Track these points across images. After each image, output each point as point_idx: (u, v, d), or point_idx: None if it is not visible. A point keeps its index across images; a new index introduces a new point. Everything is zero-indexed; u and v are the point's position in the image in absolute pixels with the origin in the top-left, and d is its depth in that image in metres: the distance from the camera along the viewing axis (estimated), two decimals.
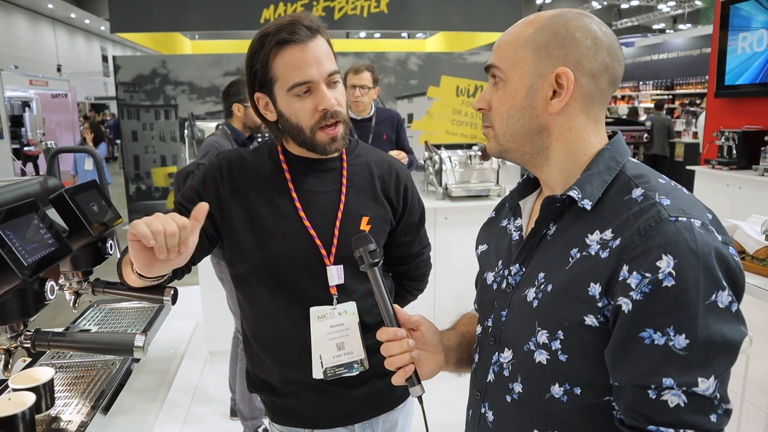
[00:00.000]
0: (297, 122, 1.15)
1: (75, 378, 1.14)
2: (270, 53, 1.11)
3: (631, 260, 0.71)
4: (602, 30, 0.82)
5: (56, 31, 20.24)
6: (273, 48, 1.10)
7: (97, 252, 1.15)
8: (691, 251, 0.68)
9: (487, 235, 1.04)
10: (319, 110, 1.13)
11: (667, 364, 0.69)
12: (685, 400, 0.68)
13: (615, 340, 0.73)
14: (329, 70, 1.13)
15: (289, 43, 1.10)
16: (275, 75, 1.13)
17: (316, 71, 1.11)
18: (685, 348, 0.68)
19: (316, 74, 1.11)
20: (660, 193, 0.75)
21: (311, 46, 1.11)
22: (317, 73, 1.11)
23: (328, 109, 1.12)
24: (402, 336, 0.92)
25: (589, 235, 0.78)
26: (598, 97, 0.83)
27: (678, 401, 0.68)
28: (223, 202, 1.20)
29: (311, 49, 1.11)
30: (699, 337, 0.67)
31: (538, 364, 0.81)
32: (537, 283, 0.83)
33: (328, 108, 1.12)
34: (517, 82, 0.83)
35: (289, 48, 1.10)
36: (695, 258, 0.68)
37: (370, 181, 1.25)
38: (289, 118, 1.15)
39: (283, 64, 1.11)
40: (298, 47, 1.10)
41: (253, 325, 1.28)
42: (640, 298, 0.69)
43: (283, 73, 1.12)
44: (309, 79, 1.11)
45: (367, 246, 0.96)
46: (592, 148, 0.84)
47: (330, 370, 1.16)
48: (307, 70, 1.10)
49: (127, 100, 6.81)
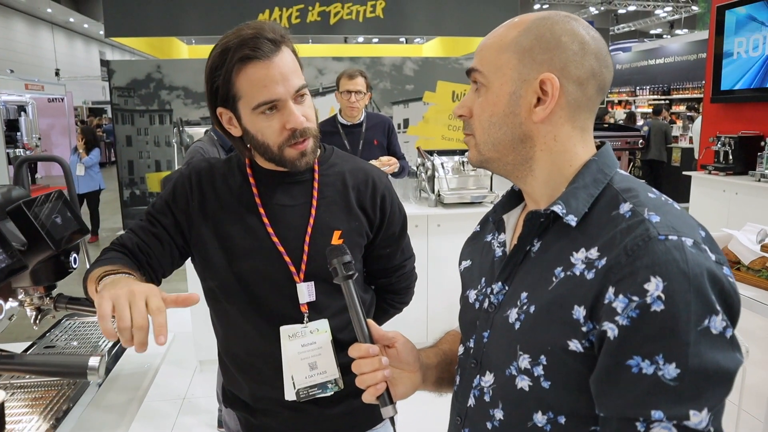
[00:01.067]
0: (263, 140, 1.10)
1: (34, 399, 1.09)
2: (232, 70, 1.05)
3: (618, 282, 0.66)
4: (590, 34, 0.77)
5: (55, 36, 20.23)
6: (235, 65, 1.04)
7: (59, 266, 1.10)
8: (682, 272, 0.63)
9: (471, 250, 0.99)
10: (287, 128, 1.08)
11: (656, 395, 0.63)
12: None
13: (600, 368, 0.68)
14: (296, 85, 1.07)
15: (252, 59, 1.03)
16: (239, 92, 1.07)
17: (283, 89, 1.05)
18: (676, 378, 0.62)
19: (283, 92, 1.05)
20: (649, 208, 0.70)
21: (276, 61, 1.05)
22: (284, 90, 1.05)
23: (297, 127, 1.08)
24: (374, 353, 0.88)
25: (574, 254, 0.73)
26: (585, 105, 0.78)
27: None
28: (191, 215, 1.16)
29: (276, 65, 1.05)
30: (690, 366, 0.62)
31: (520, 390, 0.76)
32: (519, 303, 0.78)
33: (297, 126, 1.07)
34: (499, 87, 0.78)
35: (253, 65, 1.04)
36: (686, 280, 0.63)
37: (343, 193, 1.20)
38: (255, 135, 1.10)
39: (247, 81, 1.05)
40: (262, 64, 1.04)
41: (224, 340, 1.24)
42: (627, 324, 0.64)
43: (247, 90, 1.06)
44: (275, 98, 1.05)
45: (342, 257, 0.92)
46: (578, 159, 0.79)
47: (303, 390, 1.12)
48: (273, 88, 1.04)
49: (121, 105, 6.77)
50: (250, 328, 1.17)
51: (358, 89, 3.11)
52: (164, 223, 1.17)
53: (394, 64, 7.22)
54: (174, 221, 1.17)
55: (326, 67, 7.05)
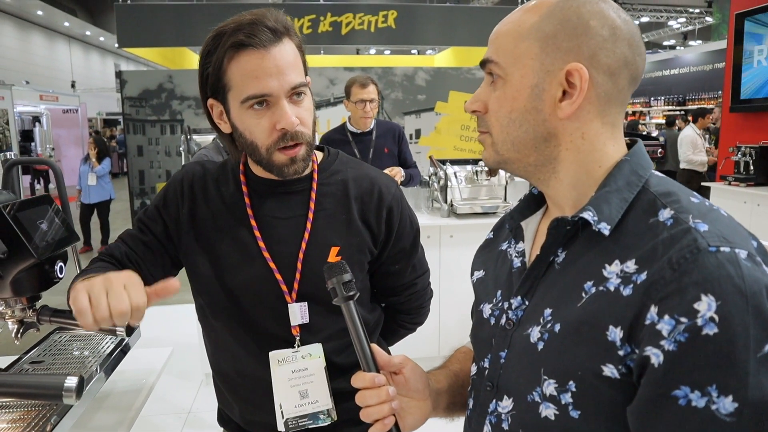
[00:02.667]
0: (252, 139, 0.99)
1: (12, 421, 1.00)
2: (224, 57, 0.95)
3: (662, 300, 0.57)
4: (621, 17, 0.68)
5: (71, 48, 20.54)
6: (228, 51, 0.94)
7: (44, 275, 1.03)
8: (738, 290, 0.55)
9: (484, 259, 0.90)
10: (277, 129, 0.96)
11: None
12: None
13: (642, 398, 0.59)
14: (293, 82, 0.96)
15: (247, 47, 0.93)
16: (229, 83, 0.96)
17: (276, 83, 0.94)
18: (733, 413, 0.54)
19: (276, 87, 0.94)
20: (694, 215, 0.62)
21: (273, 52, 0.94)
22: (277, 85, 0.94)
23: (288, 129, 0.96)
24: (381, 383, 0.79)
25: (606, 266, 0.64)
26: (616, 98, 0.69)
27: None
28: (180, 223, 1.08)
29: (272, 56, 0.94)
30: (750, 399, 0.54)
31: (544, 419, 0.67)
32: (542, 320, 0.69)
33: (288, 128, 0.96)
34: (519, 80, 0.69)
35: (246, 53, 0.94)
36: (743, 299, 0.54)
37: (344, 204, 1.08)
38: (243, 133, 0.99)
39: (238, 71, 0.95)
40: (257, 53, 0.93)
41: (214, 358, 1.15)
42: (674, 349, 0.56)
43: (237, 81, 0.95)
44: (266, 92, 0.94)
45: (341, 276, 0.82)
46: (608, 159, 0.70)
47: (292, 420, 1.02)
48: (265, 81, 0.94)
49: (133, 115, 6.78)
50: (239, 347, 1.08)
51: (371, 98, 3.04)
52: (155, 231, 1.09)
53: (406, 74, 7.17)
54: (164, 229, 1.09)
55: (337, 77, 7.01)
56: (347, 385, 1.08)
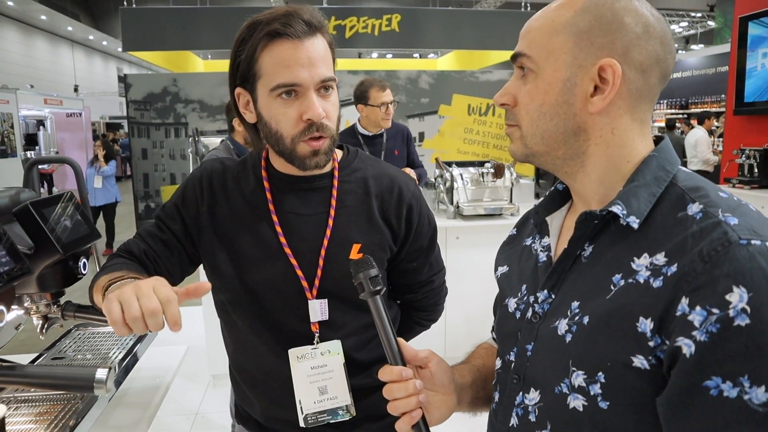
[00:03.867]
0: (277, 129, 1.00)
1: (39, 414, 1.02)
2: (258, 45, 0.96)
3: (693, 291, 0.58)
4: (654, 15, 0.69)
5: (74, 53, 20.61)
6: (262, 39, 0.95)
7: (68, 272, 1.04)
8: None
9: (508, 255, 0.91)
10: (303, 119, 0.97)
11: (740, 423, 0.56)
12: None
13: (673, 388, 0.60)
14: (323, 75, 0.97)
15: (281, 36, 0.95)
16: (260, 71, 0.97)
17: (307, 74, 0.95)
18: (765, 404, 0.55)
19: (306, 77, 0.96)
20: (723, 209, 0.63)
21: (306, 44, 0.96)
22: (308, 75, 0.96)
23: (314, 120, 0.97)
24: (408, 376, 0.79)
25: (635, 259, 0.65)
26: (646, 95, 0.70)
27: None
28: (200, 221, 1.09)
29: (305, 48, 0.95)
30: None
31: (572, 410, 0.68)
32: (570, 313, 0.70)
33: (314, 119, 0.97)
34: (551, 74, 0.70)
35: (280, 42, 0.95)
36: None
37: (365, 202, 1.09)
38: (268, 122, 1.00)
39: (271, 59, 0.96)
40: (291, 43, 0.95)
41: (235, 356, 1.16)
42: (706, 340, 0.57)
43: (268, 69, 0.96)
44: (296, 81, 0.96)
45: (368, 271, 0.83)
46: (637, 154, 0.71)
47: (311, 416, 1.03)
48: (297, 70, 0.95)
49: (137, 118, 6.81)
50: (260, 343, 1.08)
51: (392, 99, 3.09)
52: (173, 229, 1.09)
53: (410, 77, 7.19)
54: (183, 227, 1.10)
55: (341, 81, 7.01)
56: (368, 381, 1.09)
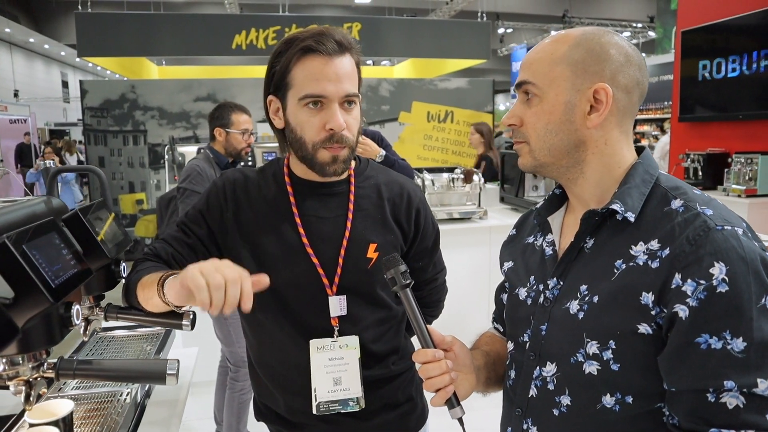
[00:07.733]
0: (301, 135, 1.10)
1: (87, 411, 1.06)
2: (293, 58, 1.07)
3: (684, 268, 0.74)
4: (631, 47, 0.87)
5: (13, 56, 19.72)
6: (297, 53, 1.07)
7: (110, 275, 1.09)
8: (741, 258, 0.72)
9: (511, 251, 1.06)
10: (326, 129, 1.08)
11: (726, 367, 0.71)
12: (744, 401, 0.71)
13: (671, 346, 0.75)
14: (347, 90, 1.08)
15: (314, 52, 1.06)
16: (292, 81, 1.08)
17: (333, 88, 1.06)
18: (743, 350, 0.71)
19: (332, 91, 1.06)
20: (700, 203, 0.79)
21: (336, 61, 1.07)
22: (333, 89, 1.06)
23: (336, 130, 1.07)
24: (440, 357, 0.92)
25: (633, 247, 0.81)
26: (630, 111, 0.87)
27: (737, 402, 0.71)
28: (226, 225, 1.16)
29: (334, 64, 1.06)
30: (756, 339, 0.71)
31: (588, 375, 0.82)
32: (580, 295, 0.84)
33: (336, 129, 1.07)
34: (554, 98, 0.85)
35: (312, 57, 1.06)
36: (745, 264, 0.72)
37: (379, 205, 1.20)
38: (294, 128, 1.11)
39: (303, 72, 1.07)
40: (322, 59, 1.06)
41: (258, 352, 1.23)
42: (696, 305, 0.72)
43: (299, 80, 1.07)
44: (323, 93, 1.06)
45: (398, 267, 0.95)
46: (625, 161, 0.88)
47: (323, 404, 1.12)
48: (324, 84, 1.06)
49: (93, 125, 6.64)
50: (284, 337, 1.16)
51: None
52: (198, 234, 1.16)
53: (370, 84, 7.30)
54: (208, 231, 1.17)
55: None
56: (383, 372, 1.19)
